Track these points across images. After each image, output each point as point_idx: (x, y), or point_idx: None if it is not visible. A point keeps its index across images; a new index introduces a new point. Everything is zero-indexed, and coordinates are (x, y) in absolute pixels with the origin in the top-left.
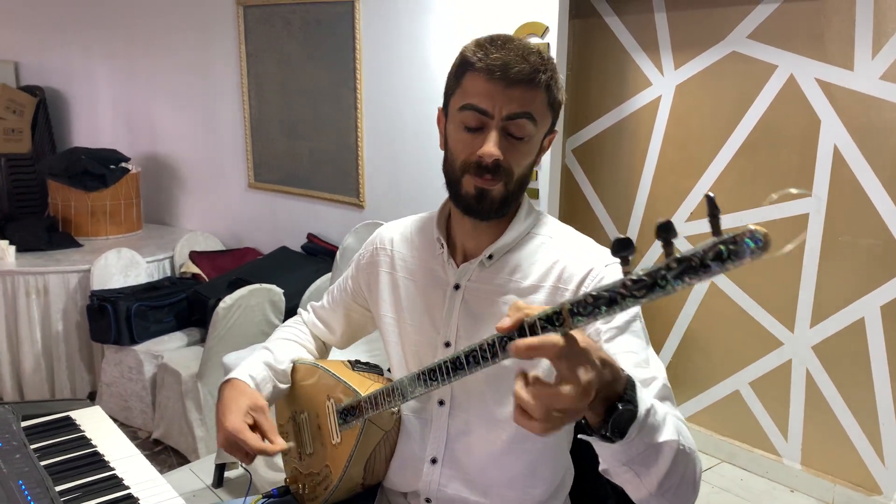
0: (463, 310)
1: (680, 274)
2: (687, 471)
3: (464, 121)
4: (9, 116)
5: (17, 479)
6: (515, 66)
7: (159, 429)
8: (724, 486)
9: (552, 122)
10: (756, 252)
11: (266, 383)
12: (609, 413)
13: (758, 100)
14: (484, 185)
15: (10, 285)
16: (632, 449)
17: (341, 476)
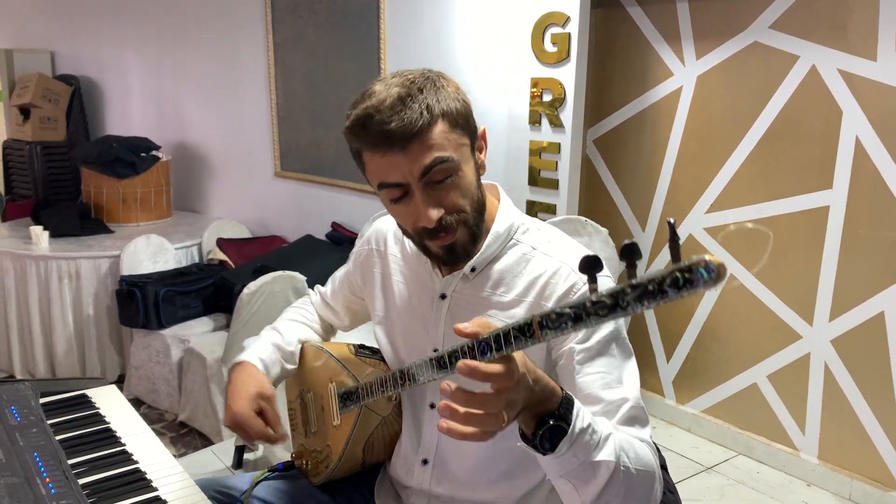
0: (449, 319)
1: (639, 297)
2: (632, 489)
3: (388, 196)
4: (45, 105)
5: (32, 451)
6: (397, 128)
7: (185, 411)
8: (740, 478)
9: (469, 132)
10: (709, 282)
11: (274, 365)
12: (539, 427)
13: (779, 90)
14: (445, 243)
15: (43, 270)
16: (566, 463)
17: (340, 456)
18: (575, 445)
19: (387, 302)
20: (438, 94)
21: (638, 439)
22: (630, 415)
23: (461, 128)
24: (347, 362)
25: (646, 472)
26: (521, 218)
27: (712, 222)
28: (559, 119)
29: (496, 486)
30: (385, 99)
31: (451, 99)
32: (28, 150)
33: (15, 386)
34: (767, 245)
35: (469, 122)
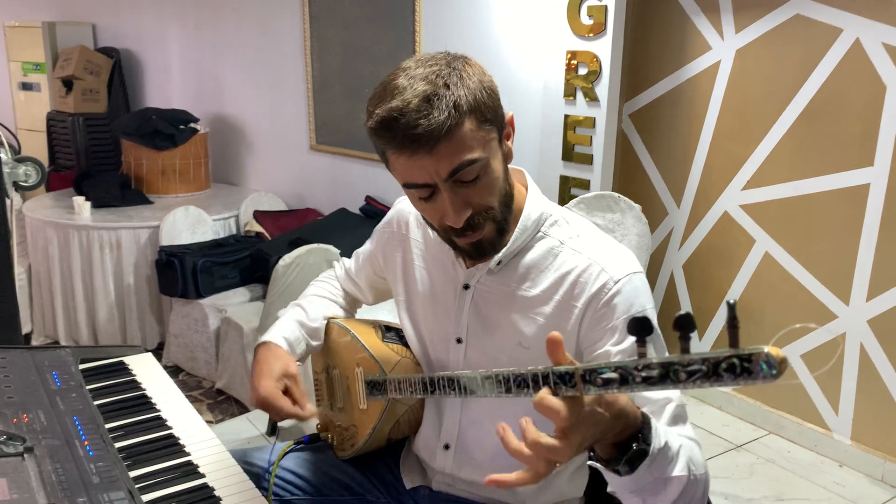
0: (473, 310)
1: (691, 375)
2: (695, 495)
3: (415, 195)
4: (86, 77)
5: (72, 415)
6: (424, 131)
7: (222, 379)
8: (770, 457)
9: (497, 124)
10: (768, 377)
11: (299, 343)
12: (621, 451)
13: (821, 65)
14: (472, 240)
15: (85, 239)
16: (640, 480)
17: (366, 440)
18: (653, 465)
19: (408, 287)
20: (466, 86)
21: (687, 438)
22: (675, 414)
23: (489, 121)
24: (373, 347)
25: (704, 475)
26: (550, 208)
27: (749, 199)
28: (594, 93)
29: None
30: (410, 100)
31: (479, 90)
32: (71, 121)
33: (56, 352)
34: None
35: (497, 112)
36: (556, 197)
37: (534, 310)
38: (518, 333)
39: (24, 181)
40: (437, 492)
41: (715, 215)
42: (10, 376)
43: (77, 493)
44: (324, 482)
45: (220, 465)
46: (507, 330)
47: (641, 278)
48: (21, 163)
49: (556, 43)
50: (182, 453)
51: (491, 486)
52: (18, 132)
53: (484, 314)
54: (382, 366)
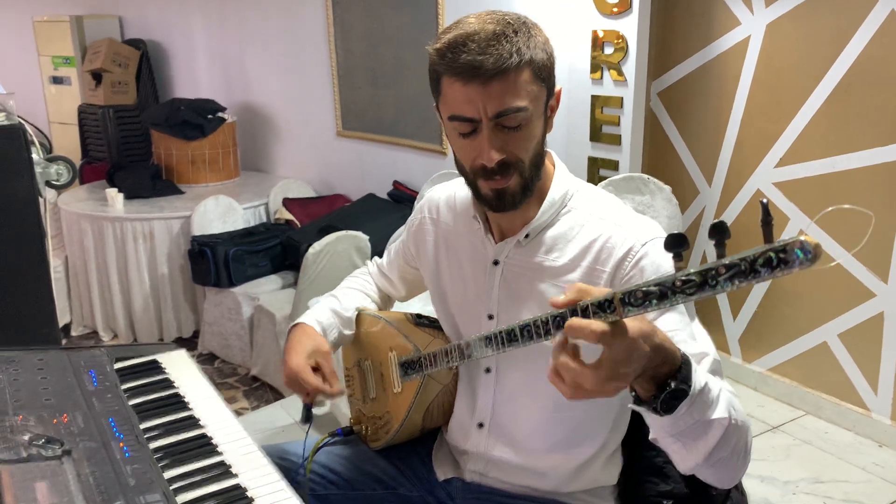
0: (502, 285)
1: (731, 276)
2: (738, 443)
3: (456, 129)
4: (115, 70)
5: (108, 416)
6: (487, 60)
7: (257, 366)
8: (807, 438)
9: (548, 87)
10: (805, 263)
11: (332, 329)
12: (661, 389)
13: (855, 38)
14: (497, 186)
15: (119, 231)
16: (681, 423)
17: (402, 423)
18: (693, 406)
19: (439, 269)
20: (531, 40)
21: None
22: (713, 368)
23: (543, 80)
24: (406, 330)
25: (746, 423)
26: (577, 185)
27: (782, 177)
28: (621, 72)
29: (552, 454)
30: (480, 31)
31: (541, 49)
32: (101, 113)
33: (91, 352)
34: (868, 227)
35: (551, 76)
36: (585, 178)
37: (562, 278)
38: (547, 304)
39: (56, 180)
40: (470, 483)
41: (747, 193)
42: (47, 377)
43: (114, 495)
44: (356, 476)
45: (252, 465)
46: (537, 301)
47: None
48: (52, 162)
49: (581, 22)
50: (215, 453)
51: (523, 470)
52: (51, 126)
53: (514, 289)
54: (417, 345)
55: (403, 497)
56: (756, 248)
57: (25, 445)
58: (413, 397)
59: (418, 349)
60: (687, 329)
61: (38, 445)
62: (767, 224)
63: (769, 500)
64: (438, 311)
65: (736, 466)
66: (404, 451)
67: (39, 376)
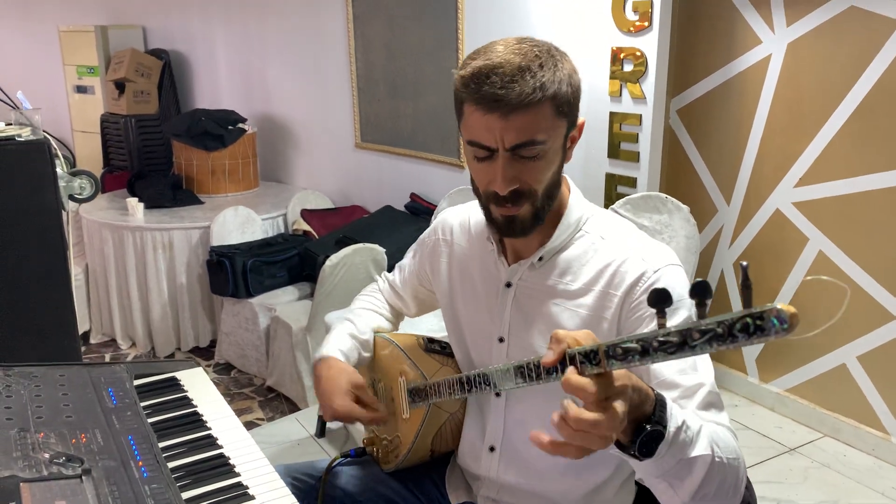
0: (514, 307)
1: (708, 340)
2: (726, 479)
3: (474, 153)
4: (138, 79)
5: (127, 434)
6: (509, 94)
7: (272, 377)
8: (825, 461)
9: (570, 120)
10: (780, 332)
11: (352, 353)
12: (637, 433)
13: (877, 59)
14: (508, 213)
15: (139, 240)
16: (663, 464)
17: (409, 448)
18: (672, 446)
19: (452, 290)
20: (556, 74)
21: (717, 424)
22: (707, 400)
23: (564, 115)
24: (416, 356)
25: (735, 460)
26: (591, 209)
27: (801, 197)
28: (641, 90)
29: (565, 477)
30: (505, 63)
31: (566, 83)
32: (123, 123)
33: (112, 368)
34: (844, 301)
35: (573, 110)
36: (602, 195)
37: (575, 302)
38: (560, 327)
39: (79, 194)
40: None
41: (766, 213)
42: (68, 394)
43: None
44: (371, 498)
45: (269, 487)
46: (549, 325)
47: (680, 271)
48: (76, 176)
49: (601, 39)
50: (232, 474)
51: (535, 496)
52: (74, 134)
53: (526, 311)
54: (424, 372)
55: None
56: (734, 313)
57: (46, 463)
58: (420, 425)
59: (425, 377)
60: (689, 359)
61: (58, 464)
62: (747, 288)
63: None
64: (450, 333)
65: (727, 501)
66: (418, 474)
67: (60, 392)
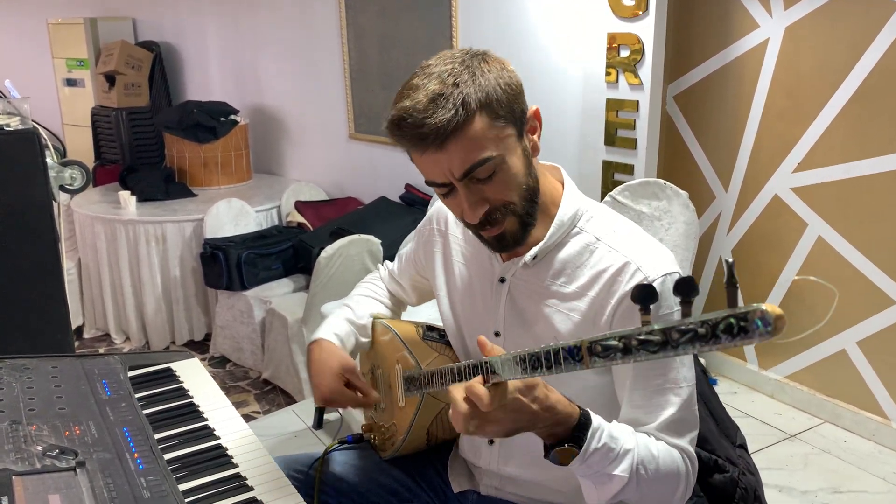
0: (509, 303)
1: (690, 340)
2: (649, 494)
3: (436, 192)
4: (128, 72)
5: (122, 425)
6: (430, 130)
7: (268, 369)
8: (825, 447)
9: (515, 117)
10: (764, 334)
11: (349, 338)
12: (552, 447)
13: (876, 41)
14: (493, 234)
15: (132, 234)
16: (581, 471)
17: (404, 438)
18: (588, 462)
19: (448, 282)
20: (476, 84)
21: (672, 446)
22: (671, 421)
23: (503, 118)
24: (412, 343)
25: (666, 481)
26: (586, 204)
27: (799, 182)
28: (637, 75)
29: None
30: (420, 98)
31: (492, 87)
32: (114, 116)
33: (106, 360)
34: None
35: (513, 108)
36: (600, 183)
37: (568, 305)
38: (552, 328)
39: (69, 184)
40: (486, 496)
41: (765, 199)
42: (61, 386)
43: None
44: (371, 488)
45: (268, 478)
46: (543, 325)
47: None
48: (66, 166)
49: (597, 25)
50: (230, 465)
51: (537, 485)
52: (65, 128)
53: (520, 308)
54: (419, 361)
55: None
56: (719, 313)
57: (39, 456)
58: (414, 414)
59: (419, 366)
60: (672, 374)
61: (52, 456)
62: (732, 286)
63: None
64: (446, 323)
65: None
66: (420, 462)
67: (53, 384)
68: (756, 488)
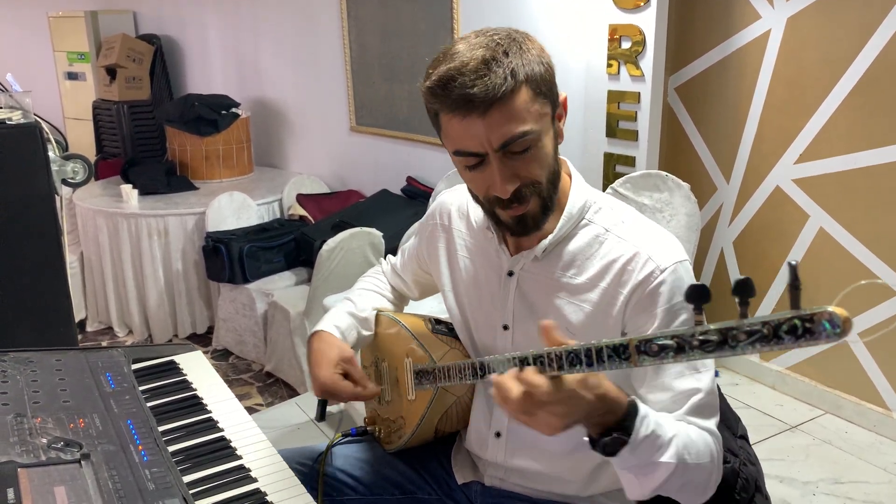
0: (518, 297)
1: (752, 341)
2: (693, 480)
3: (463, 163)
4: (129, 65)
5: (126, 418)
6: (480, 92)
7: (271, 362)
8: (826, 437)
9: (551, 99)
10: (832, 336)
11: (351, 331)
12: (602, 436)
13: (879, 30)
14: (517, 213)
15: (134, 227)
16: (626, 462)
17: (414, 430)
18: (637, 451)
19: (453, 276)
20: (524, 57)
21: (701, 429)
22: (698, 405)
23: (544, 95)
24: (422, 337)
25: (706, 464)
26: (594, 196)
27: (802, 173)
28: (639, 67)
29: (571, 456)
30: (469, 61)
31: (536, 63)
32: (116, 109)
33: (109, 353)
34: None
35: (552, 89)
36: (601, 175)
37: (579, 297)
38: (564, 320)
39: (72, 178)
40: (490, 487)
41: (766, 190)
42: (65, 379)
43: (133, 500)
44: (375, 481)
45: (271, 469)
46: (554, 317)
47: (687, 267)
48: (69, 160)
49: (598, 17)
50: (234, 457)
51: (543, 476)
52: (66, 122)
53: (530, 301)
54: (432, 354)
55: (422, 501)
56: (782, 314)
57: (44, 448)
58: (426, 408)
59: (433, 360)
60: (682, 364)
61: (56, 449)
62: (796, 288)
63: (789, 501)
64: (452, 317)
65: (691, 498)
66: (424, 455)
67: (58, 378)
68: (757, 478)
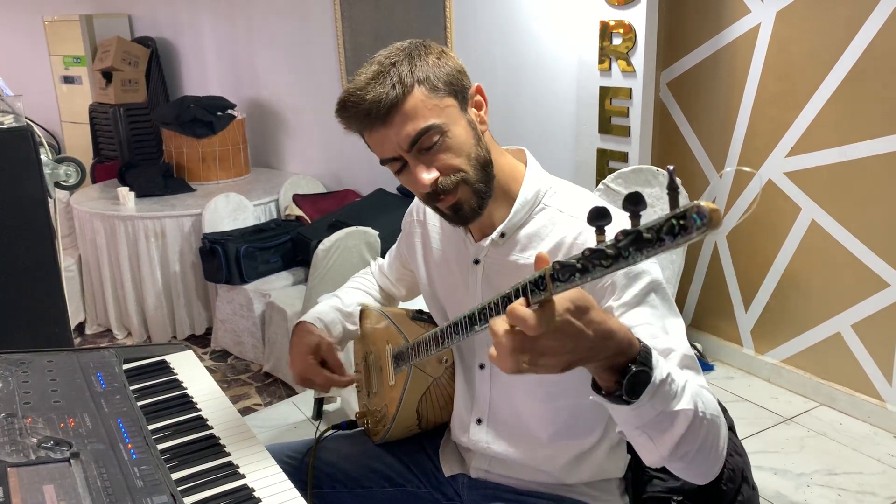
0: (485, 283)
1: (638, 247)
2: (708, 438)
3: (391, 169)
4: (125, 68)
5: (116, 417)
6: (370, 105)
7: (269, 362)
8: (821, 429)
9: (456, 92)
10: (701, 228)
11: (335, 325)
12: (622, 376)
13: (866, 24)
14: (448, 204)
15: (131, 229)
16: (644, 414)
17: (394, 417)
18: (656, 395)
19: (428, 269)
20: (413, 63)
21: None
22: (684, 363)
23: (442, 90)
24: (402, 324)
25: (717, 417)
26: (549, 181)
27: (793, 166)
28: (630, 62)
29: (552, 444)
30: (361, 81)
31: (429, 65)
32: (112, 112)
33: (101, 353)
34: None
35: (451, 82)
36: (594, 171)
37: None
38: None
39: (65, 181)
40: (476, 479)
41: (758, 184)
42: (56, 380)
43: (122, 498)
44: (364, 474)
45: (260, 465)
46: None
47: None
48: (61, 163)
49: (589, 13)
50: (222, 454)
51: (524, 465)
52: (63, 125)
53: (496, 286)
54: (406, 336)
55: (411, 494)
56: (661, 217)
57: (34, 448)
58: (402, 388)
59: (407, 341)
60: (658, 323)
61: (46, 448)
62: (673, 190)
63: (783, 492)
64: (430, 307)
65: (707, 462)
66: (412, 448)
67: (49, 378)
68: (744, 469)
